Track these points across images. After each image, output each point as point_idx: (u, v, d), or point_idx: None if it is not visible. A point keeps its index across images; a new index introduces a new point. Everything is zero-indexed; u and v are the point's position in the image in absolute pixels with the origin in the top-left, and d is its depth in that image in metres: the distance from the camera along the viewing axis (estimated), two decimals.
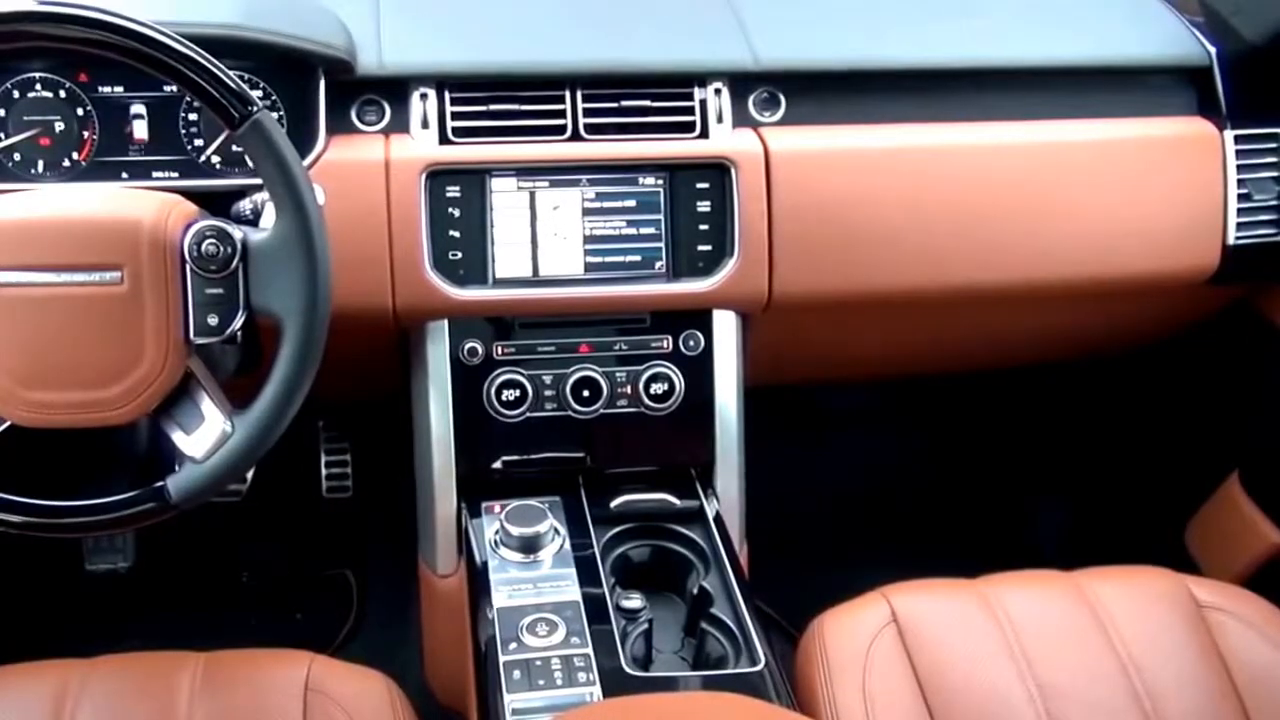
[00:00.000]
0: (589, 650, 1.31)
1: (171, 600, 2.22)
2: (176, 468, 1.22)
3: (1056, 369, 2.22)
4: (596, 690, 1.26)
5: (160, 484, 1.20)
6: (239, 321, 1.20)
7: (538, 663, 1.29)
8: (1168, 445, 2.13)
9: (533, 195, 1.55)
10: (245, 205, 1.33)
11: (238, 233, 1.19)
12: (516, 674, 1.27)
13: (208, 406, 1.21)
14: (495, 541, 1.48)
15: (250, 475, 2.09)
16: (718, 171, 1.58)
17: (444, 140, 1.55)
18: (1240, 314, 1.86)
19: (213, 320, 1.19)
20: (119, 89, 1.50)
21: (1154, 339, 2.01)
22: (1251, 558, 1.83)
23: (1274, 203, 1.71)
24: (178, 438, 1.21)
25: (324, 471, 2.27)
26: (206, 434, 1.20)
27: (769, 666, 1.32)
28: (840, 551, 2.26)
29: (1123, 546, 1.69)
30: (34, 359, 1.16)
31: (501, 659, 1.29)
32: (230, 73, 1.16)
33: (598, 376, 1.58)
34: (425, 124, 1.56)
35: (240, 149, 1.44)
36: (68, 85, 1.48)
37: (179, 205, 1.22)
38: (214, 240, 1.17)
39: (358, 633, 2.18)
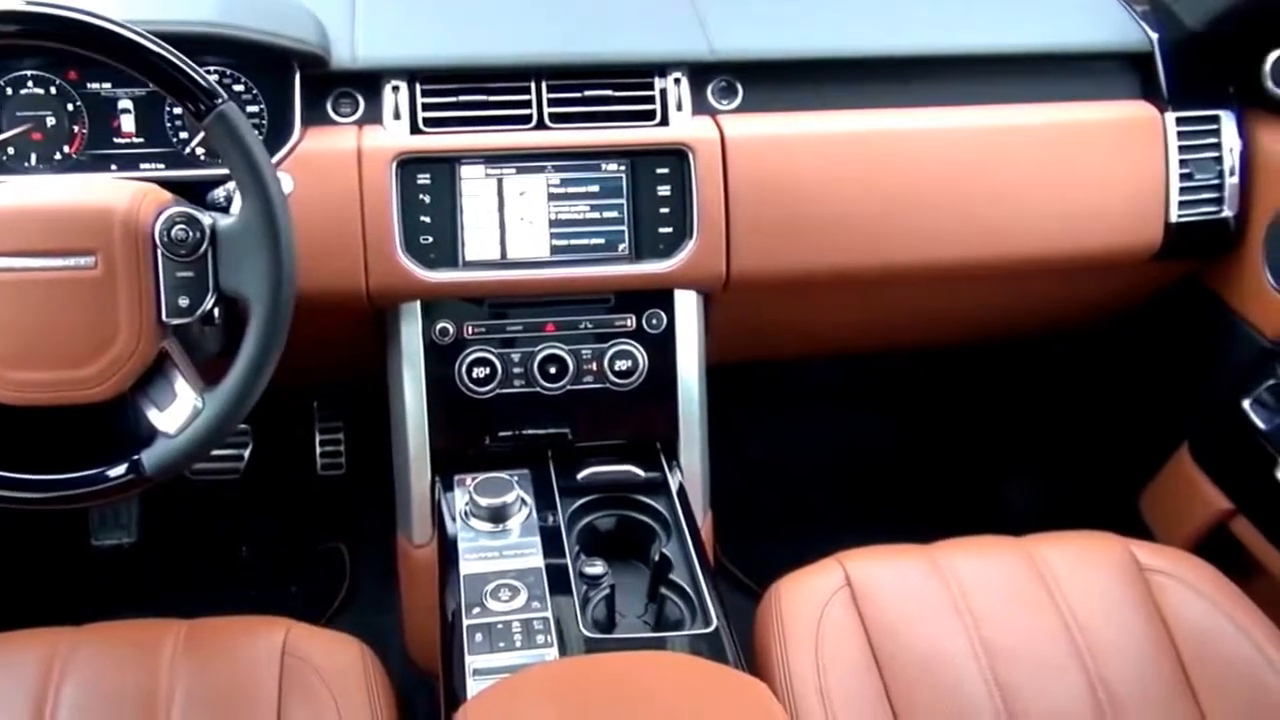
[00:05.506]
0: (548, 614, 1.35)
1: (174, 574, 2.28)
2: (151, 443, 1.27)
3: (1017, 345, 2.26)
4: (553, 651, 1.30)
5: (136, 457, 1.26)
6: (209, 303, 1.26)
7: (499, 626, 1.33)
8: (1125, 418, 2.16)
9: (500, 182, 1.60)
10: (219, 193, 1.39)
11: (206, 218, 1.24)
12: (479, 637, 1.32)
13: (181, 384, 1.27)
14: (465, 512, 1.52)
15: (248, 454, 2.18)
16: (677, 157, 1.62)
17: (415, 130, 1.60)
18: (1190, 290, 1.90)
19: (184, 301, 1.25)
20: (107, 85, 1.55)
21: (1109, 314, 2.04)
22: (1200, 524, 1.86)
23: (1214, 181, 1.75)
24: (152, 414, 1.27)
25: (318, 450, 2.33)
26: (179, 410, 1.26)
27: (721, 628, 1.36)
28: (810, 522, 2.29)
29: (1083, 516, 1.73)
30: (13, 340, 1.22)
31: (465, 623, 1.34)
32: (196, 68, 1.21)
33: (564, 354, 1.63)
34: (397, 115, 1.61)
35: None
36: (58, 82, 1.54)
37: (152, 193, 1.27)
38: (184, 225, 1.23)
39: (350, 603, 2.23)
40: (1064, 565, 1.52)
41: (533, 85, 1.63)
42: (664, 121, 1.65)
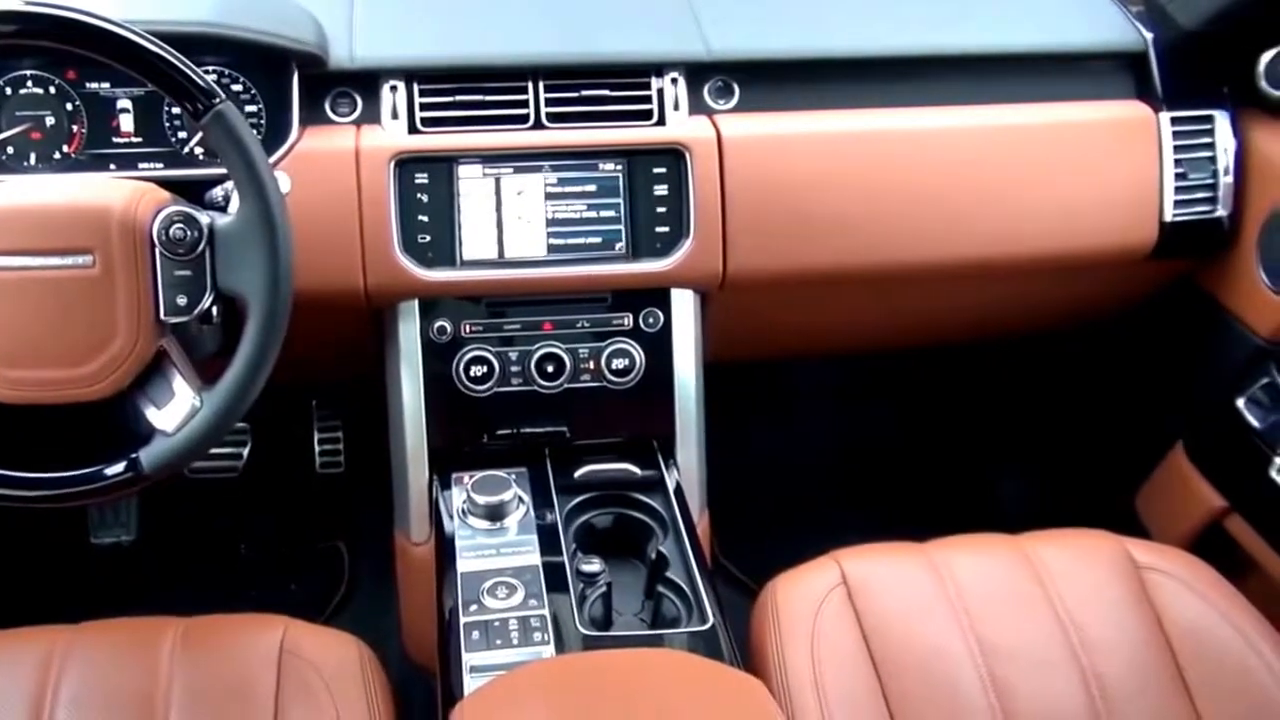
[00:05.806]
0: (545, 611, 1.35)
1: (173, 572, 2.29)
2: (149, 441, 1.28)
3: (1013, 344, 2.26)
4: (550, 649, 1.30)
5: (134, 456, 1.27)
6: (207, 301, 1.26)
7: (496, 623, 1.34)
8: (1120, 417, 2.17)
9: (498, 181, 1.61)
10: (218, 192, 1.39)
11: (204, 218, 1.25)
12: (475, 634, 1.32)
13: (179, 383, 1.27)
14: (463, 510, 1.53)
15: (246, 453, 2.19)
16: (674, 157, 1.63)
17: (413, 130, 1.61)
18: (1185, 289, 1.90)
19: (181, 300, 1.25)
20: (105, 85, 1.56)
21: (1104, 314, 2.05)
22: (1195, 522, 1.87)
23: (1209, 181, 1.75)
24: (150, 412, 1.27)
25: (317, 448, 2.34)
26: (177, 408, 1.26)
27: (718, 625, 1.37)
28: (807, 520, 2.30)
29: (1078, 514, 1.73)
30: (11, 339, 1.22)
31: (462, 620, 1.34)
32: (194, 68, 1.21)
33: (561, 353, 1.64)
34: (395, 114, 1.61)
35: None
36: (57, 82, 1.55)
37: (150, 192, 1.28)
38: (181, 225, 1.23)
39: (348, 602, 2.24)
40: (1059, 563, 1.52)
41: (530, 85, 1.64)
42: (661, 121, 1.65)
